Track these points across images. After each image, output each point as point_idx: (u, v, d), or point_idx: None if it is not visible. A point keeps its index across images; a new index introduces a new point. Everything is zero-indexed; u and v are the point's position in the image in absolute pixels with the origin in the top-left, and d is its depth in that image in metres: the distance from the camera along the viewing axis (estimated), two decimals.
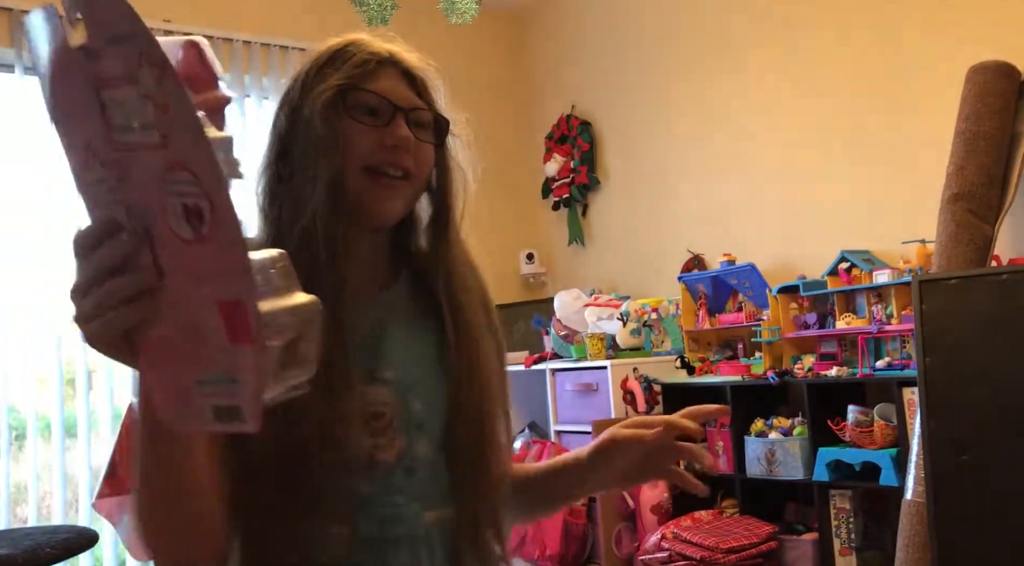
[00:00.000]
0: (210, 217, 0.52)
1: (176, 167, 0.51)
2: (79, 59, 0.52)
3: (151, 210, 0.54)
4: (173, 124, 0.50)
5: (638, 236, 4.46)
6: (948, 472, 2.59)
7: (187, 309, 0.55)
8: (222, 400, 0.56)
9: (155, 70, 0.49)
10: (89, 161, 0.55)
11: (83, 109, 0.53)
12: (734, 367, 3.68)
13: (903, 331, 3.14)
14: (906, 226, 3.26)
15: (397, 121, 0.88)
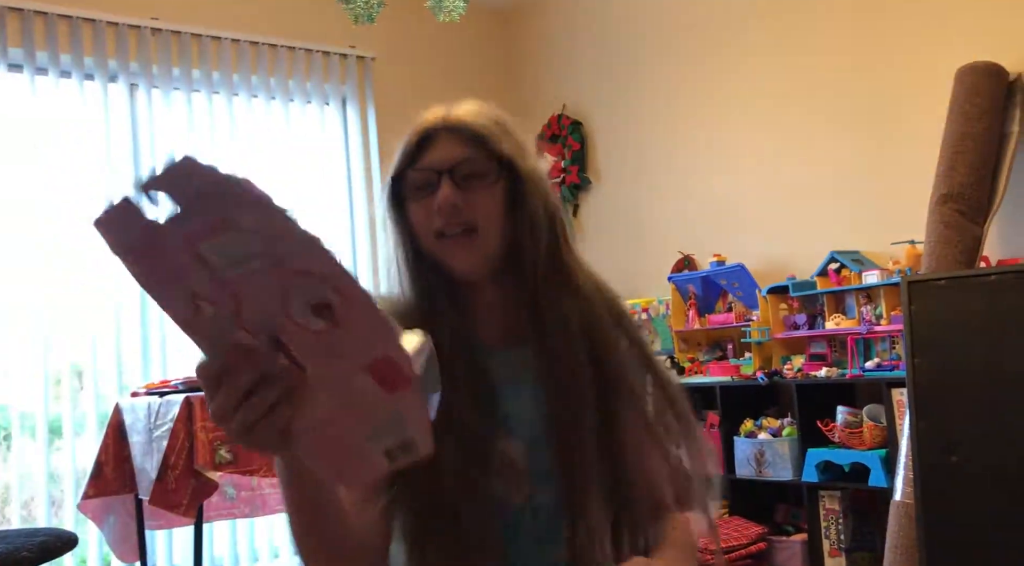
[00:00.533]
0: (339, 304, 0.59)
1: (296, 276, 0.58)
2: (168, 228, 0.57)
3: (274, 320, 0.60)
4: (284, 242, 0.56)
5: (629, 236, 4.45)
6: (936, 473, 2.59)
7: (337, 384, 0.63)
8: (393, 441, 0.65)
9: (253, 208, 0.55)
10: (198, 307, 0.60)
11: (179, 269, 0.58)
12: (723, 368, 3.68)
13: (892, 332, 3.14)
14: (895, 227, 3.26)
15: (443, 185, 0.94)
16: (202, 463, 2.77)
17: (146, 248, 0.59)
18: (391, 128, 4.12)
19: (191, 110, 4.07)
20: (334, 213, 4.51)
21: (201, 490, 2.80)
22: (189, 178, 0.56)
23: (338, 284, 0.59)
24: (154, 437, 2.95)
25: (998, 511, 2.48)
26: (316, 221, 4.43)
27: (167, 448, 2.82)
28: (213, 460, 2.81)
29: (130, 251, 0.60)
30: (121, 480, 3.23)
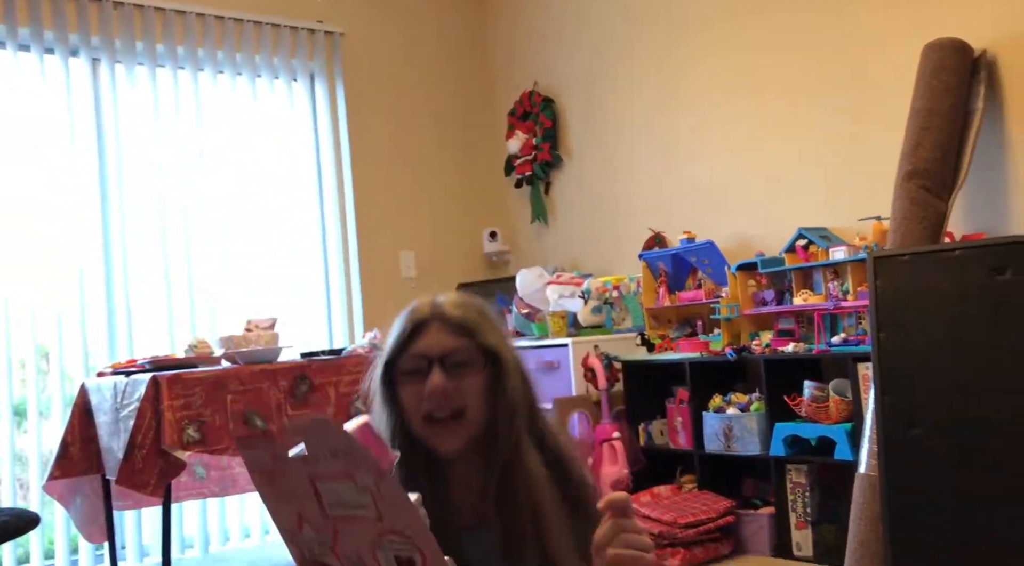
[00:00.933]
0: (420, 561, 0.71)
1: (390, 533, 0.71)
2: (296, 463, 0.71)
3: (362, 556, 0.73)
4: (388, 506, 0.70)
5: (600, 214, 4.45)
6: (900, 445, 2.63)
7: None
8: None
9: (372, 474, 0.69)
10: (303, 526, 0.74)
11: (296, 494, 0.72)
12: (693, 344, 3.70)
13: (859, 307, 3.17)
14: (862, 203, 3.29)
15: (433, 372, 1.03)
16: (169, 443, 2.75)
17: (275, 472, 0.73)
18: (360, 104, 4.13)
19: (155, 86, 4.00)
20: (303, 189, 4.47)
21: (169, 469, 2.78)
22: (324, 437, 0.70)
23: (423, 548, 0.71)
24: (120, 417, 2.92)
25: (959, 484, 2.52)
26: (284, 198, 4.39)
27: (133, 427, 2.79)
28: (181, 439, 2.79)
29: (262, 471, 0.74)
30: (88, 461, 3.20)
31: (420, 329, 1.08)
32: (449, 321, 1.08)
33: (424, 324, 1.08)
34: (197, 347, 3.26)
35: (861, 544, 2.65)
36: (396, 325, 1.11)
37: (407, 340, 1.07)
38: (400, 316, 1.12)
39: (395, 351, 1.08)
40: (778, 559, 3.19)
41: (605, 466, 3.64)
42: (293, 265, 4.39)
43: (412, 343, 1.07)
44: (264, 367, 3.03)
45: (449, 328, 1.08)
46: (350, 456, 0.70)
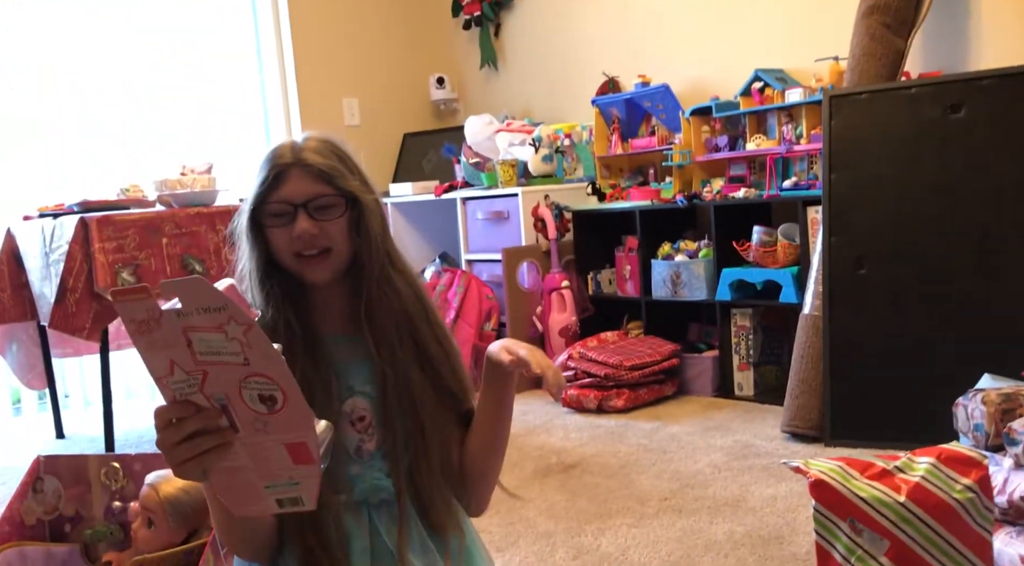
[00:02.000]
0: (283, 401, 0.82)
1: (255, 375, 0.81)
2: (170, 315, 0.78)
3: (228, 395, 0.83)
4: (254, 353, 0.80)
5: (553, 58, 4.28)
6: (845, 286, 2.66)
7: (258, 447, 0.86)
8: (285, 495, 0.89)
9: (242, 326, 0.79)
10: (173, 371, 0.82)
11: (169, 342, 0.79)
12: (644, 192, 3.65)
13: (811, 151, 3.13)
14: (820, 44, 3.19)
15: (298, 216, 1.12)
16: (103, 285, 2.65)
17: (148, 322, 0.78)
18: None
19: None
20: (239, 32, 4.21)
21: (104, 313, 2.70)
22: (199, 295, 0.77)
23: (285, 388, 0.82)
24: (51, 261, 2.81)
25: (899, 322, 2.57)
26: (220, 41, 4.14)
27: (64, 271, 2.68)
28: (115, 282, 2.69)
29: (136, 322, 0.79)
30: (21, 307, 3.10)
31: (283, 175, 1.14)
32: (310, 168, 1.14)
33: (286, 170, 1.14)
34: (129, 191, 3.12)
35: (801, 381, 2.71)
36: (259, 170, 1.16)
37: (271, 186, 1.14)
38: (262, 161, 1.17)
39: (260, 198, 1.14)
40: (720, 399, 3.28)
41: (553, 314, 3.66)
42: (231, 113, 4.20)
43: (276, 189, 1.13)
44: (201, 210, 2.91)
45: (311, 175, 1.14)
46: (222, 312, 0.78)
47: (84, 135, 3.78)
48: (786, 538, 1.98)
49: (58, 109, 3.71)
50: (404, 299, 1.20)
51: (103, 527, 1.67)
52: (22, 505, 1.64)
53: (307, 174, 1.14)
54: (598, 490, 2.38)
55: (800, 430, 2.70)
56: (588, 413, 3.21)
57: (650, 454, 2.67)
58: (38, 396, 3.68)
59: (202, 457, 0.86)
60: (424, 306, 1.22)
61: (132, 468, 1.69)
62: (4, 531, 1.60)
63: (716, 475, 2.43)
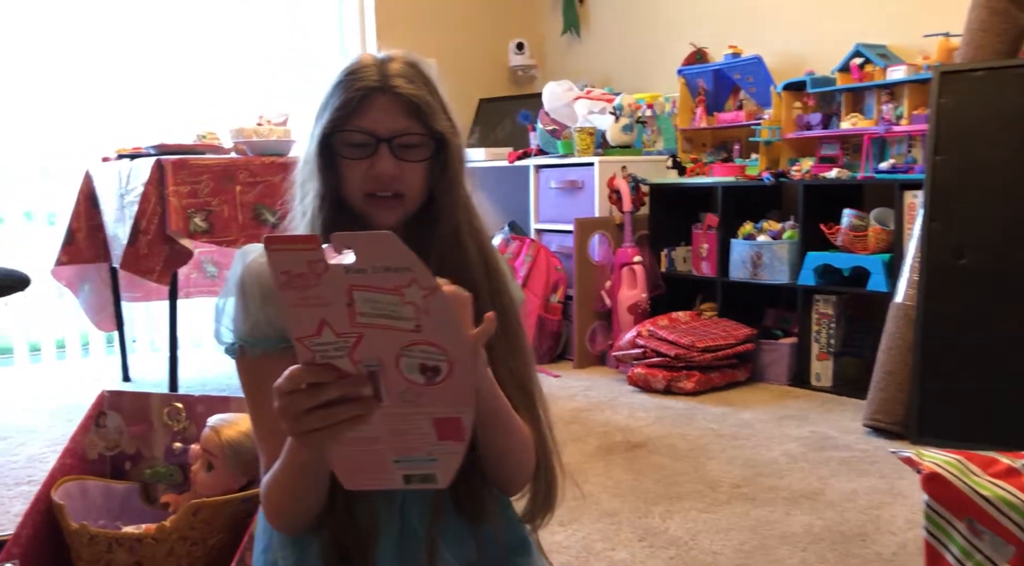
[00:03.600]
0: (447, 374, 0.72)
1: (422, 343, 0.71)
2: (337, 269, 0.68)
3: (382, 361, 0.73)
4: (430, 321, 0.70)
5: (639, 26, 4.14)
6: (943, 275, 2.49)
7: (400, 419, 0.76)
8: (417, 471, 0.79)
9: (424, 291, 0.69)
10: (321, 331, 0.71)
11: (325, 299, 0.69)
12: (728, 168, 3.50)
13: (912, 132, 2.95)
14: (929, 18, 2.99)
15: (380, 152, 0.97)
16: (175, 228, 2.63)
17: (306, 276, 0.68)
18: None
19: None
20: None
21: (175, 257, 2.68)
22: (381, 250, 0.67)
23: (454, 361, 0.72)
24: (125, 203, 2.80)
25: (1000, 315, 2.39)
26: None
27: (138, 212, 2.67)
28: (187, 227, 2.67)
29: (289, 274, 0.69)
30: (95, 249, 3.12)
31: (367, 100, 0.97)
32: (400, 98, 0.97)
33: (370, 95, 0.97)
34: (206, 137, 3.09)
35: (888, 373, 2.56)
36: (337, 89, 0.99)
37: (353, 111, 0.97)
38: (340, 77, 1.00)
39: (339, 121, 0.97)
40: (795, 388, 3.13)
41: (623, 290, 3.55)
42: (309, 68, 4.16)
43: (359, 116, 0.97)
44: (275, 160, 2.87)
45: (399, 105, 0.98)
46: (407, 273, 0.68)
47: (165, 82, 3.78)
48: (870, 536, 1.85)
49: (141, 56, 3.72)
50: (471, 267, 1.03)
51: (163, 468, 1.64)
52: (85, 439, 1.62)
53: (395, 104, 0.97)
54: (665, 472, 2.28)
55: (883, 425, 2.55)
56: (655, 393, 3.10)
57: (721, 439, 2.55)
58: (106, 339, 3.72)
59: (335, 427, 0.75)
60: (494, 281, 1.06)
61: (195, 409, 1.65)
62: (67, 463, 1.57)
63: (792, 465, 2.31)
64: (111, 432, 1.64)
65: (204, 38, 3.87)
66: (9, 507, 2.09)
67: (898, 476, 2.20)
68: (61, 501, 1.47)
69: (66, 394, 3.19)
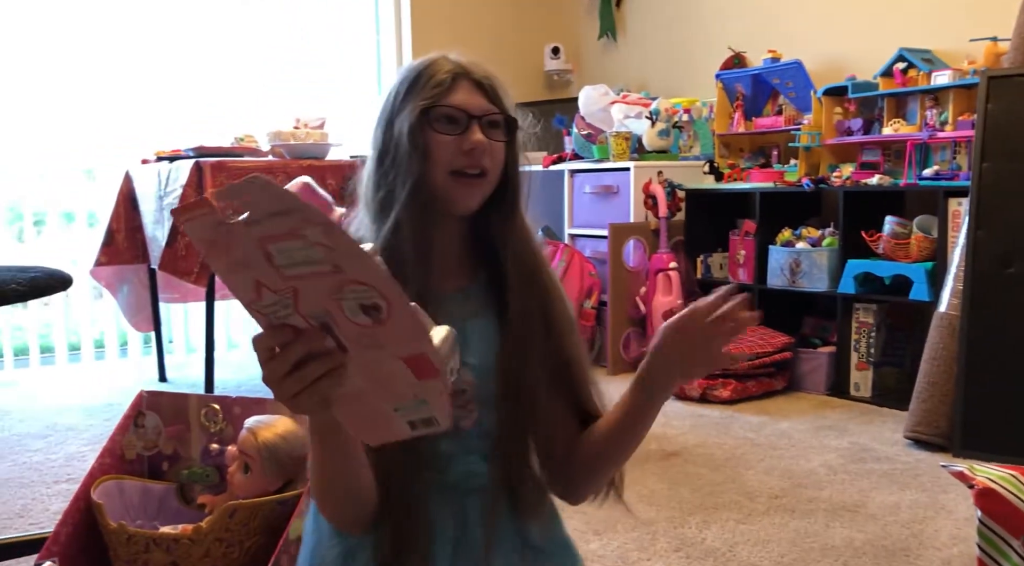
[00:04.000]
0: (387, 308, 0.71)
1: (350, 283, 0.70)
2: (240, 228, 0.66)
3: (327, 311, 0.72)
4: (342, 257, 0.68)
5: (676, 30, 4.11)
6: (989, 284, 2.43)
7: (373, 366, 0.76)
8: (417, 416, 0.79)
9: (319, 227, 0.66)
10: (262, 293, 0.71)
11: (249, 260, 0.69)
12: (766, 174, 3.45)
13: (958, 138, 2.89)
14: (976, 22, 2.93)
15: (472, 128, 1.02)
16: None
17: (221, 241, 0.68)
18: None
19: None
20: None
21: None
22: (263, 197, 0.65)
23: (386, 293, 0.71)
24: (164, 204, 2.83)
25: None
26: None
27: None
28: None
29: (207, 242, 0.69)
30: (134, 250, 3.15)
31: (456, 82, 1.04)
32: (481, 82, 1.05)
33: (459, 77, 1.04)
34: (244, 140, 3.12)
35: (931, 384, 2.51)
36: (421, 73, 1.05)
37: (447, 90, 1.03)
38: (419, 68, 1.05)
39: (435, 98, 1.02)
40: (833, 397, 3.08)
41: (658, 296, 3.51)
42: (345, 72, 4.20)
43: (451, 94, 1.03)
44: (312, 163, 2.88)
45: (481, 89, 1.05)
46: (295, 213, 0.66)
47: (203, 86, 3.82)
48: (913, 551, 1.81)
49: (180, 59, 3.76)
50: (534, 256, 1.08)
51: (199, 469, 1.64)
52: (123, 438, 1.63)
53: (477, 87, 1.04)
54: (702, 481, 2.24)
55: (925, 437, 2.50)
56: (690, 401, 3.06)
57: (758, 449, 2.51)
58: (143, 339, 3.76)
59: (315, 386, 0.75)
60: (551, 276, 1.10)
61: (232, 411, 1.65)
62: (105, 463, 1.58)
63: (831, 477, 2.27)
64: (149, 432, 1.65)
65: (243, 42, 3.91)
66: (48, 505, 2.11)
67: (941, 490, 2.14)
68: (100, 500, 1.48)
69: (104, 394, 3.22)
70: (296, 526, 1.43)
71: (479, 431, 1.05)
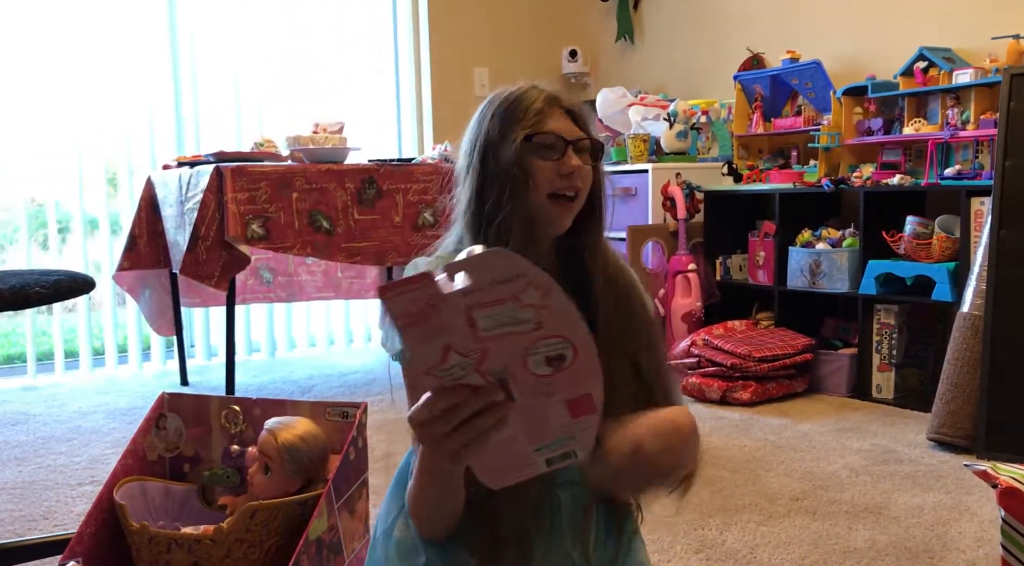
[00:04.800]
0: (572, 357, 0.73)
1: (546, 337, 0.71)
2: (452, 297, 0.69)
3: (509, 366, 0.73)
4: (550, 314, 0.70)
5: (694, 32, 4.09)
6: (1013, 284, 2.40)
7: (533, 410, 0.76)
8: (557, 452, 0.79)
9: (540, 291, 0.69)
10: (447, 357, 0.72)
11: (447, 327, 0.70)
12: (785, 175, 3.43)
13: (980, 137, 2.86)
14: (997, 19, 2.90)
15: (568, 153, 1.08)
16: (233, 235, 2.67)
17: (424, 312, 0.69)
18: None
19: None
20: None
21: (232, 262, 2.72)
22: (491, 266, 0.68)
23: (577, 343, 0.72)
24: (185, 209, 2.85)
25: None
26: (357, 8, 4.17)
27: (197, 219, 2.72)
28: (245, 234, 2.71)
29: (408, 316, 0.70)
30: (156, 255, 3.18)
31: (550, 110, 1.11)
32: (569, 110, 1.12)
33: (552, 106, 1.11)
34: (263, 145, 3.14)
35: (954, 386, 2.48)
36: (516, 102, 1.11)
37: (543, 118, 1.10)
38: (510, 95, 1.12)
39: (534, 125, 1.09)
40: (854, 399, 3.05)
41: (677, 298, 3.50)
42: (364, 77, 4.22)
43: (547, 122, 1.10)
44: (331, 167, 2.90)
45: (569, 116, 1.12)
46: (521, 279, 0.69)
47: (223, 91, 3.85)
48: (937, 553, 1.79)
49: (200, 67, 3.79)
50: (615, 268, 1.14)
51: (221, 470, 1.65)
52: (145, 440, 1.64)
53: (566, 115, 1.12)
54: (722, 483, 2.23)
55: (948, 438, 2.47)
56: (710, 403, 3.05)
57: (779, 451, 2.49)
58: (165, 343, 3.79)
59: (480, 438, 0.78)
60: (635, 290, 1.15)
61: (252, 413, 1.66)
62: (128, 464, 1.60)
63: (853, 479, 2.25)
64: (171, 434, 1.66)
65: (262, 48, 3.94)
66: (72, 507, 2.13)
67: (965, 492, 2.12)
68: (123, 501, 1.49)
69: (127, 398, 3.25)
70: (316, 526, 1.44)
71: None
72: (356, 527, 1.56)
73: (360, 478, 1.57)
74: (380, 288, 0.70)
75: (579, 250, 1.13)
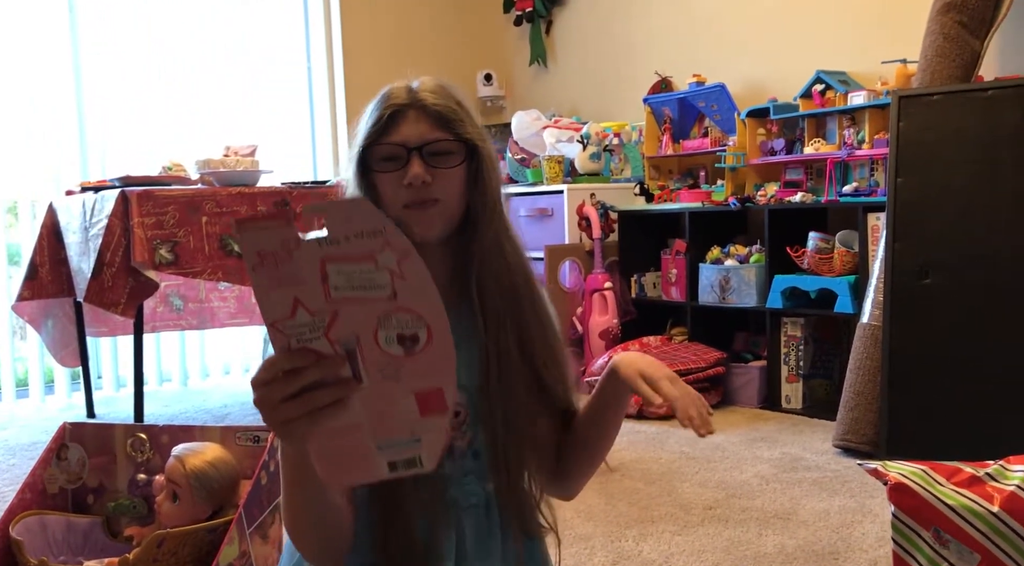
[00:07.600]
0: (426, 340, 0.71)
1: (399, 310, 0.70)
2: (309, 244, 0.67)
3: (360, 337, 0.71)
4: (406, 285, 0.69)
5: (605, 56, 4.19)
6: (908, 295, 2.52)
7: (379, 398, 0.73)
8: (401, 456, 0.75)
9: (398, 253, 0.68)
10: (296, 312, 0.69)
11: (298, 277, 0.68)
12: (695, 194, 3.54)
13: (875, 155, 3.00)
14: (887, 45, 3.07)
15: (412, 161, 1.01)
16: (140, 260, 2.60)
17: (277, 255, 0.67)
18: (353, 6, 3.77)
19: None
20: (288, 18, 4.18)
21: (140, 289, 2.65)
22: (351, 215, 0.67)
23: (433, 325, 0.70)
24: (90, 236, 2.77)
25: (964, 334, 2.42)
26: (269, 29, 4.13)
27: (102, 244, 2.64)
28: (152, 259, 2.64)
29: (259, 254, 0.67)
30: (58, 283, 3.07)
31: (397, 117, 1.03)
32: (427, 110, 1.04)
33: (401, 111, 1.03)
34: (172, 169, 3.08)
35: (857, 394, 2.58)
36: (371, 111, 1.06)
37: (384, 128, 1.03)
38: (374, 102, 1.06)
39: (371, 137, 1.03)
40: (765, 410, 3.15)
41: (594, 316, 3.56)
42: (277, 100, 4.18)
43: (389, 132, 1.03)
44: (242, 190, 2.85)
45: (428, 117, 1.04)
46: (379, 236, 0.68)
47: (130, 115, 3.76)
48: (842, 554, 1.85)
49: (105, 90, 3.70)
50: (513, 272, 1.08)
51: (126, 500, 1.60)
52: (45, 472, 1.58)
53: (424, 116, 1.03)
54: (638, 495, 2.27)
55: (853, 444, 2.57)
56: (628, 418, 3.09)
57: (693, 462, 2.55)
58: (70, 375, 3.65)
59: (315, 414, 0.72)
60: (531, 286, 1.11)
61: (159, 440, 1.62)
62: (26, 498, 1.53)
63: (764, 487, 2.31)
64: (72, 465, 1.60)
65: (172, 71, 3.87)
66: None
67: (868, 495, 2.20)
68: (19, 537, 1.43)
69: (28, 432, 3.11)
70: (227, 553, 1.40)
71: (474, 452, 1.07)
72: (269, 553, 1.53)
73: (273, 503, 1.54)
74: (237, 220, 0.68)
75: (467, 258, 1.06)
